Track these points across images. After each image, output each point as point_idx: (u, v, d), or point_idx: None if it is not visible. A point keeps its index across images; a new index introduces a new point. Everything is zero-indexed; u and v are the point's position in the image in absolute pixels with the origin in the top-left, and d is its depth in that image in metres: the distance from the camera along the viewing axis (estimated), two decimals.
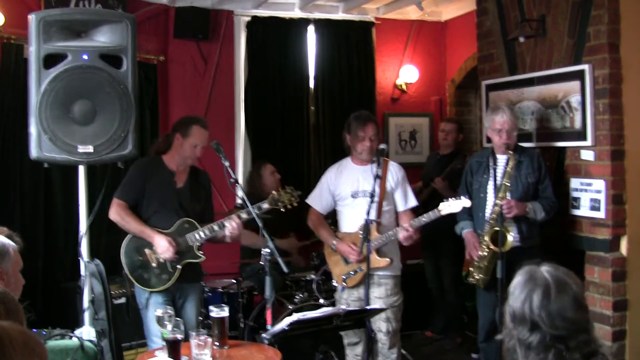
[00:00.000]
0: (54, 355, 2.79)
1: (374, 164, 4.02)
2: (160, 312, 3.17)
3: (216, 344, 3.17)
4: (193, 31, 5.85)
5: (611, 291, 4.08)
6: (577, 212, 4.29)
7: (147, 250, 3.75)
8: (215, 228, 3.80)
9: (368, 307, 3.68)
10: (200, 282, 4.18)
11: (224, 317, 3.23)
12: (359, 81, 6.45)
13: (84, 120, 3.37)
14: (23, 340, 1.42)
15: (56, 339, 2.99)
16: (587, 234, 4.23)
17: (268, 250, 3.33)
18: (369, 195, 3.79)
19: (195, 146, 3.84)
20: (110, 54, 3.40)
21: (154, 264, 3.75)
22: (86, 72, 3.35)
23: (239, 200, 5.13)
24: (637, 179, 4.12)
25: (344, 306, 3.83)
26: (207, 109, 5.93)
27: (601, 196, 4.11)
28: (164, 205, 3.82)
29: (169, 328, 3.05)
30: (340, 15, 6.41)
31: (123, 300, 4.63)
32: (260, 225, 3.38)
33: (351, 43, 6.41)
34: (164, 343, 3.05)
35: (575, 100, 4.24)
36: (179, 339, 3.00)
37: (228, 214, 3.86)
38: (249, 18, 6.11)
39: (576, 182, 4.29)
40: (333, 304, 4.38)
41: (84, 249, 3.56)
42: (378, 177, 3.81)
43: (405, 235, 3.94)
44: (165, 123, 5.69)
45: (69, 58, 3.32)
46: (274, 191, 3.92)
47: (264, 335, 3.07)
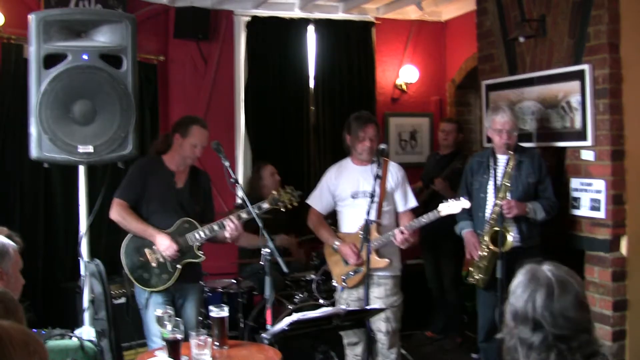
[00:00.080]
0: (54, 355, 2.79)
1: (374, 164, 4.02)
2: (160, 312, 3.17)
3: (216, 344, 3.17)
4: (193, 31, 5.85)
5: (611, 291, 4.08)
6: (577, 212, 4.29)
7: (147, 250, 3.75)
8: (215, 228, 3.80)
9: (368, 307, 3.68)
10: (200, 282, 4.18)
11: (224, 317, 3.23)
12: (359, 81, 6.45)
13: (84, 120, 3.37)
14: (23, 340, 1.42)
15: (56, 339, 2.99)
16: (587, 234, 4.23)
17: (268, 250, 3.32)
18: (369, 195, 3.79)
19: (195, 146, 3.84)
20: (110, 54, 3.40)
21: (154, 264, 3.75)
22: (86, 72, 3.35)
23: (238, 200, 5.13)
24: (637, 179, 4.12)
25: (343, 306, 3.83)
26: (207, 109, 5.93)
27: (601, 196, 4.11)
28: (163, 205, 3.82)
29: (169, 328, 3.05)
30: (340, 15, 6.41)
31: (123, 300, 4.63)
32: (260, 225, 3.38)
33: (351, 43, 6.41)
34: (164, 343, 3.06)
35: (575, 100, 4.24)
36: (179, 339, 3.00)
37: (228, 214, 3.86)
38: (249, 18, 6.11)
39: (576, 182, 4.29)
40: (333, 304, 4.38)
41: (84, 249, 3.56)
42: (378, 177, 3.80)
43: (401, 238, 3.93)
44: (165, 123, 5.70)
45: (69, 58, 3.32)
46: (274, 191, 3.93)
47: (263, 335, 3.06)
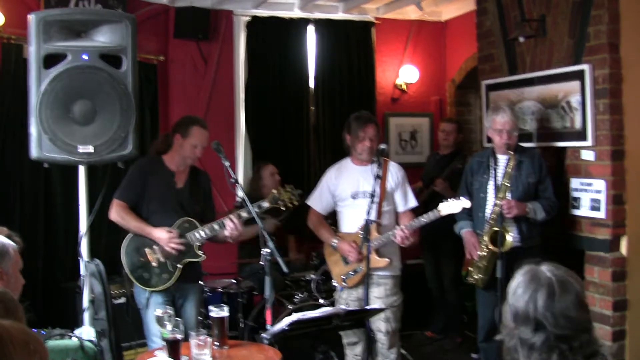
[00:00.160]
0: (54, 355, 2.79)
1: (374, 164, 4.02)
2: (160, 312, 3.17)
3: (216, 344, 3.17)
4: (193, 31, 5.85)
5: (611, 291, 4.08)
6: (577, 212, 4.28)
7: (148, 249, 3.75)
8: (215, 227, 3.80)
9: (367, 307, 3.68)
10: (200, 282, 4.18)
11: (224, 317, 3.23)
12: (359, 81, 6.45)
13: (84, 120, 3.36)
14: (23, 339, 1.42)
15: (56, 339, 2.99)
16: (587, 234, 4.23)
17: (268, 250, 3.32)
18: (369, 195, 3.79)
19: (195, 146, 3.84)
20: (110, 54, 3.40)
21: (155, 264, 3.75)
22: (86, 72, 3.34)
23: (238, 199, 5.12)
24: (637, 179, 4.12)
25: (343, 306, 3.83)
26: (207, 109, 5.93)
27: (601, 196, 4.10)
28: (163, 206, 3.82)
29: (169, 328, 3.05)
30: (340, 15, 6.41)
31: (123, 300, 4.63)
32: (260, 225, 3.37)
33: (351, 43, 6.41)
34: (163, 343, 3.06)
35: (575, 100, 4.23)
36: (179, 339, 3.00)
37: (228, 214, 3.86)
38: (249, 18, 6.11)
39: (576, 182, 4.29)
40: (333, 304, 4.38)
41: (84, 249, 3.56)
42: (378, 177, 3.80)
43: (402, 236, 3.94)
44: (165, 123, 5.69)
45: (69, 58, 3.31)
46: (274, 190, 3.93)
47: (263, 335, 3.06)
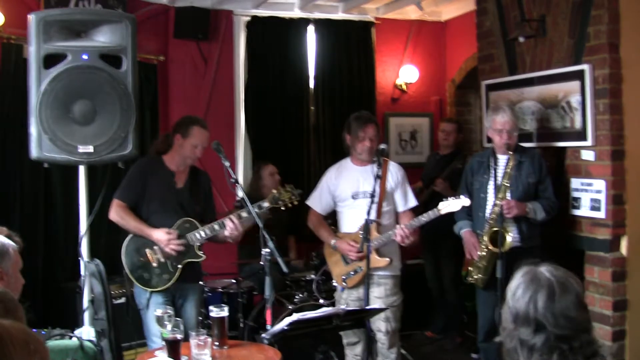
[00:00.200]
0: (54, 355, 2.79)
1: (374, 164, 4.02)
2: (160, 312, 3.17)
3: (216, 344, 3.17)
4: (193, 31, 5.85)
5: (611, 291, 4.08)
6: (578, 212, 4.28)
7: (148, 250, 3.75)
8: (215, 227, 3.80)
9: (368, 307, 3.68)
10: (200, 282, 4.18)
11: (224, 317, 3.23)
12: (359, 81, 6.45)
13: (84, 120, 3.36)
14: (23, 339, 1.42)
15: (56, 339, 2.99)
16: (587, 234, 4.23)
17: (268, 250, 3.32)
18: (369, 195, 3.78)
19: (196, 147, 3.84)
20: (110, 54, 3.39)
21: (155, 264, 3.75)
22: (86, 72, 3.34)
23: (238, 199, 5.11)
24: (637, 179, 4.12)
25: (343, 306, 3.83)
26: (207, 109, 5.93)
27: (601, 196, 4.10)
28: (164, 206, 3.82)
29: (169, 328, 3.05)
30: (340, 15, 6.41)
31: (123, 300, 4.63)
32: (260, 225, 3.37)
33: (351, 43, 6.41)
34: (164, 343, 3.06)
35: (575, 100, 4.23)
36: (179, 338, 3.00)
37: (228, 214, 3.86)
38: (249, 18, 6.11)
39: (576, 182, 4.29)
40: (333, 304, 4.38)
41: (84, 249, 3.56)
42: (378, 177, 3.80)
43: (402, 235, 3.93)
44: (165, 123, 5.69)
45: (69, 58, 3.31)
46: (274, 190, 3.93)
47: (263, 335, 3.06)
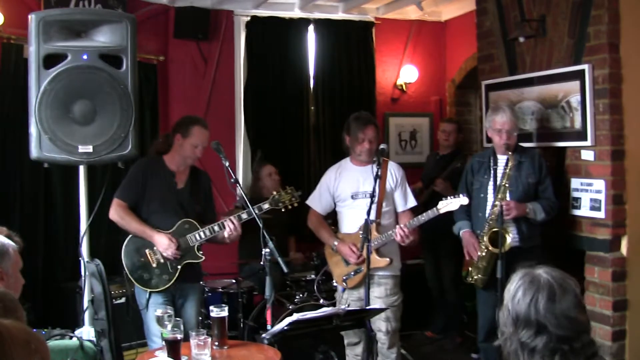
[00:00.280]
0: (54, 355, 2.78)
1: (373, 164, 4.01)
2: (160, 312, 3.17)
3: (216, 344, 3.17)
4: (193, 31, 5.85)
5: (611, 291, 4.08)
6: (578, 212, 4.28)
7: (148, 250, 3.75)
8: (215, 229, 3.80)
9: (368, 307, 3.68)
10: (200, 282, 4.18)
11: (224, 317, 3.23)
12: (359, 81, 6.44)
13: (84, 120, 3.36)
14: (24, 339, 1.41)
15: (56, 339, 2.99)
16: (587, 234, 4.23)
17: (268, 250, 3.32)
18: (369, 195, 3.78)
19: (196, 146, 3.84)
20: (110, 54, 3.40)
21: (154, 265, 3.75)
22: (86, 72, 3.34)
23: (238, 199, 5.11)
24: (637, 179, 4.12)
25: (344, 306, 3.83)
26: (207, 109, 5.93)
27: (601, 196, 4.10)
28: (164, 206, 3.82)
29: (169, 328, 3.05)
30: (340, 15, 6.41)
31: (123, 300, 4.63)
32: (261, 225, 3.37)
33: (351, 43, 6.41)
34: (164, 343, 3.06)
35: (575, 100, 4.23)
36: (179, 338, 3.00)
37: (228, 214, 3.85)
38: (249, 18, 6.10)
39: (576, 182, 4.29)
40: (333, 304, 4.38)
41: (84, 249, 3.56)
42: (378, 178, 3.80)
43: (402, 235, 3.93)
44: (165, 123, 5.69)
45: (69, 58, 3.31)
46: (274, 191, 3.93)
47: (264, 335, 3.06)
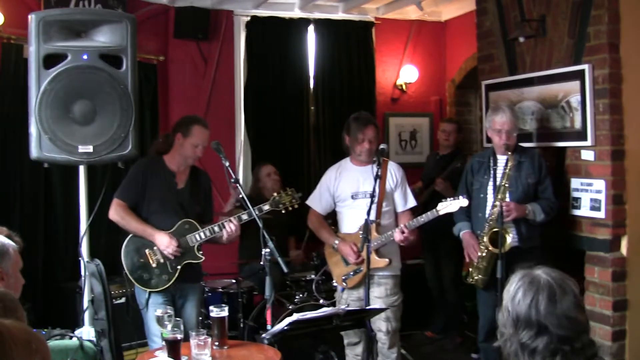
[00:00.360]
0: (54, 355, 2.76)
1: (373, 164, 4.02)
2: (160, 312, 3.17)
3: (216, 344, 3.17)
4: (193, 31, 5.85)
5: (611, 291, 4.08)
6: (578, 212, 4.28)
7: (148, 250, 3.75)
8: (216, 229, 3.79)
9: (368, 307, 3.68)
10: (200, 282, 4.18)
11: (224, 317, 3.23)
12: (359, 81, 6.44)
13: (84, 120, 3.36)
14: (25, 338, 1.42)
15: (56, 339, 2.99)
16: (587, 234, 4.23)
17: (268, 250, 3.32)
18: (369, 195, 3.78)
19: (197, 146, 3.84)
20: (110, 54, 3.40)
21: (154, 265, 3.75)
22: (86, 72, 3.34)
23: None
24: (637, 179, 4.12)
25: (343, 306, 3.83)
26: (207, 109, 5.92)
27: (601, 196, 4.10)
28: (164, 206, 3.81)
29: (169, 328, 3.05)
30: (340, 15, 6.41)
31: (123, 300, 4.63)
32: (261, 226, 3.37)
33: (351, 43, 6.41)
34: (164, 343, 3.06)
35: (575, 100, 4.23)
36: (179, 338, 3.00)
37: (228, 215, 3.85)
38: (249, 18, 6.10)
39: (576, 182, 4.29)
40: (333, 304, 4.38)
41: (84, 249, 3.56)
42: (378, 178, 3.80)
43: (400, 237, 3.94)
44: (165, 123, 5.69)
45: (69, 58, 3.31)
46: (275, 192, 3.93)
47: (264, 335, 3.06)
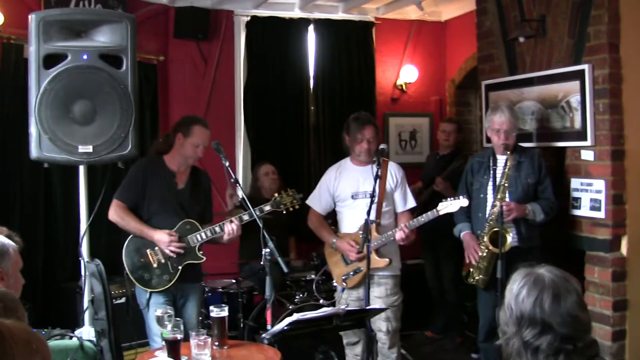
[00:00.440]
0: (54, 355, 2.76)
1: (374, 164, 4.02)
2: (160, 312, 3.17)
3: (216, 344, 3.17)
4: (193, 31, 5.85)
5: (611, 291, 4.08)
6: (578, 212, 4.28)
7: (149, 250, 3.75)
8: (217, 230, 3.79)
9: (368, 307, 3.68)
10: (201, 282, 4.18)
11: (224, 317, 3.23)
12: (359, 81, 6.44)
13: (84, 120, 3.36)
14: (25, 338, 1.42)
15: (56, 339, 2.99)
16: (587, 234, 4.23)
17: (268, 250, 3.32)
18: (369, 195, 3.78)
19: (197, 146, 3.83)
20: (110, 54, 3.39)
21: (155, 265, 3.75)
22: (86, 72, 3.34)
23: (239, 200, 5.11)
24: (637, 179, 4.12)
25: (343, 306, 3.83)
26: (207, 109, 5.92)
27: (601, 196, 4.10)
28: (164, 207, 3.81)
29: (169, 328, 3.05)
30: (340, 15, 6.41)
31: (123, 300, 4.63)
32: (261, 226, 3.37)
33: (351, 43, 6.41)
34: (164, 343, 3.05)
35: (575, 100, 4.23)
36: (179, 338, 3.00)
37: (229, 215, 3.85)
38: (249, 18, 6.10)
39: (576, 182, 4.29)
40: (333, 304, 4.38)
41: (84, 249, 3.56)
42: (378, 178, 3.80)
43: (401, 236, 3.94)
44: (165, 123, 5.69)
45: (69, 58, 3.31)
46: (275, 193, 3.93)
47: (264, 335, 3.06)
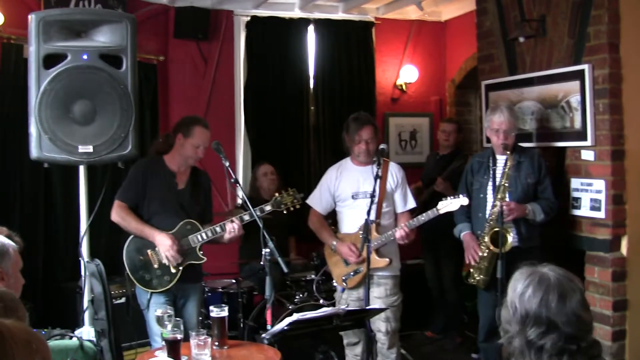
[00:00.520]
0: (54, 355, 2.76)
1: (374, 164, 4.02)
2: (160, 312, 3.17)
3: (216, 344, 3.17)
4: (193, 31, 5.85)
5: (611, 291, 4.08)
6: (578, 212, 4.28)
7: (150, 251, 3.75)
8: (217, 230, 3.79)
9: (368, 307, 3.68)
10: (201, 283, 4.18)
11: (224, 317, 3.23)
12: (359, 81, 6.44)
13: (84, 120, 3.36)
14: (26, 338, 1.42)
15: (56, 339, 2.99)
16: (587, 234, 4.23)
17: (268, 250, 3.32)
18: (369, 195, 3.78)
19: (198, 147, 3.83)
20: (110, 54, 3.39)
21: (156, 265, 3.75)
22: (86, 72, 3.34)
23: (239, 200, 5.12)
24: (637, 179, 4.12)
25: (343, 306, 3.83)
26: (207, 109, 5.92)
27: (601, 196, 4.10)
28: (164, 207, 3.81)
29: (169, 328, 3.05)
30: (340, 15, 6.41)
31: (123, 300, 4.63)
32: (261, 226, 3.37)
33: (351, 43, 6.41)
34: (164, 343, 3.05)
35: (575, 100, 4.23)
36: (179, 338, 3.00)
37: (230, 215, 3.85)
38: (249, 18, 6.10)
39: (576, 182, 4.29)
40: (333, 304, 4.38)
41: (84, 249, 3.55)
42: (378, 178, 3.80)
43: (402, 235, 3.95)
44: (165, 123, 5.69)
45: (69, 58, 3.31)
46: (276, 193, 3.93)
47: (264, 335, 3.06)
